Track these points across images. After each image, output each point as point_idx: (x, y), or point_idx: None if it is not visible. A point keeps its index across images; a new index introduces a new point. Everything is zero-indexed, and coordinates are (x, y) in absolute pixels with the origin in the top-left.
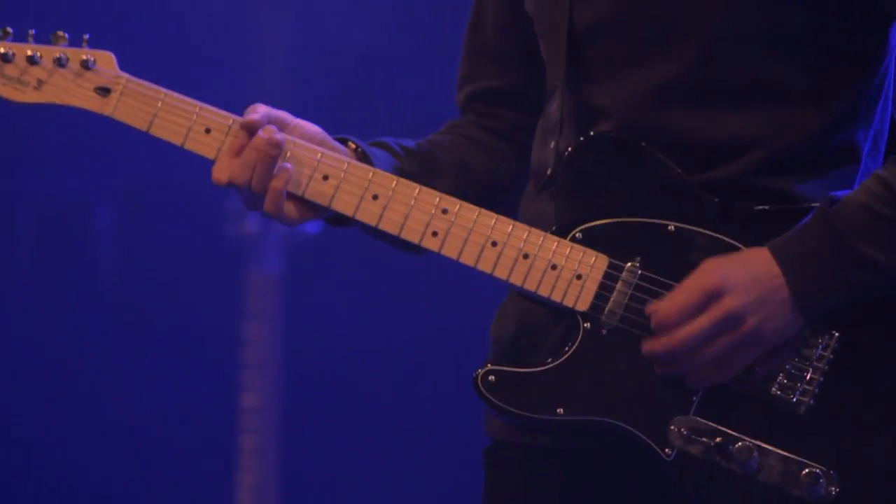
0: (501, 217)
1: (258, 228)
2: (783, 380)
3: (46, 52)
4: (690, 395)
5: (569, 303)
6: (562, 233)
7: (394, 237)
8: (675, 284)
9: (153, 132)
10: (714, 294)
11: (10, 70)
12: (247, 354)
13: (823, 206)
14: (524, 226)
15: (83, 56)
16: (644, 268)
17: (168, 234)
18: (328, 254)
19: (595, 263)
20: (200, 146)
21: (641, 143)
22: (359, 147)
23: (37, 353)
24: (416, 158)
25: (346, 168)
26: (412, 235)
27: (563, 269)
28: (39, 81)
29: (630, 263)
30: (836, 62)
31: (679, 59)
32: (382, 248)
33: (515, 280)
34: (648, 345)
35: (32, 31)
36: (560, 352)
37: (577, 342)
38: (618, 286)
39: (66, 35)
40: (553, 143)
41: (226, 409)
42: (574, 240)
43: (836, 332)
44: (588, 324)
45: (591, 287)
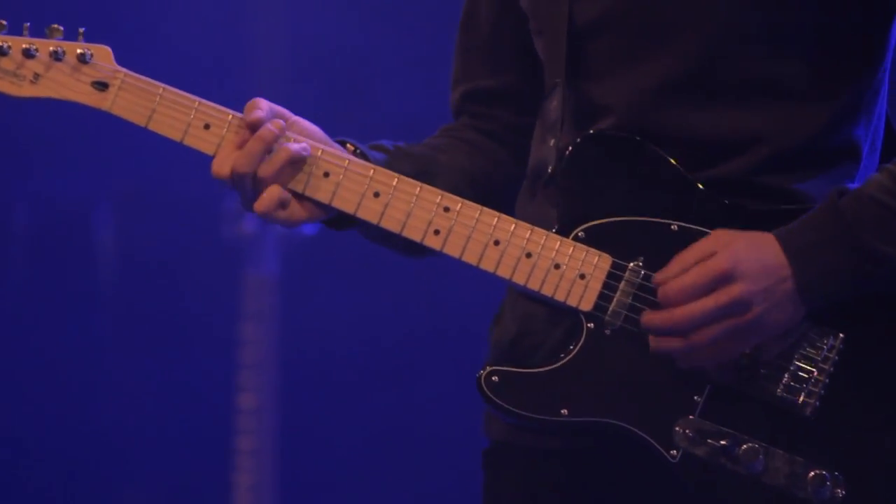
0: (503, 216)
1: (255, 229)
2: (789, 381)
3: (43, 46)
4: (696, 396)
5: (572, 302)
6: (564, 232)
7: (394, 239)
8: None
9: (151, 127)
10: (724, 278)
11: (6, 63)
12: (244, 355)
13: (832, 198)
14: (527, 224)
15: (80, 50)
16: (647, 267)
17: (165, 235)
18: (325, 254)
19: (598, 263)
20: (199, 142)
21: (643, 141)
22: (357, 149)
23: (33, 354)
24: (414, 161)
25: (347, 165)
26: (414, 233)
27: (567, 269)
28: (36, 75)
29: (633, 263)
30: (839, 59)
31: (681, 56)
32: (379, 249)
33: (518, 279)
34: (648, 316)
35: (27, 25)
36: (563, 352)
37: (581, 342)
38: (621, 286)
39: (62, 28)
40: (553, 142)
41: (223, 410)
42: (577, 239)
43: (842, 334)
44: (591, 324)
45: (595, 287)
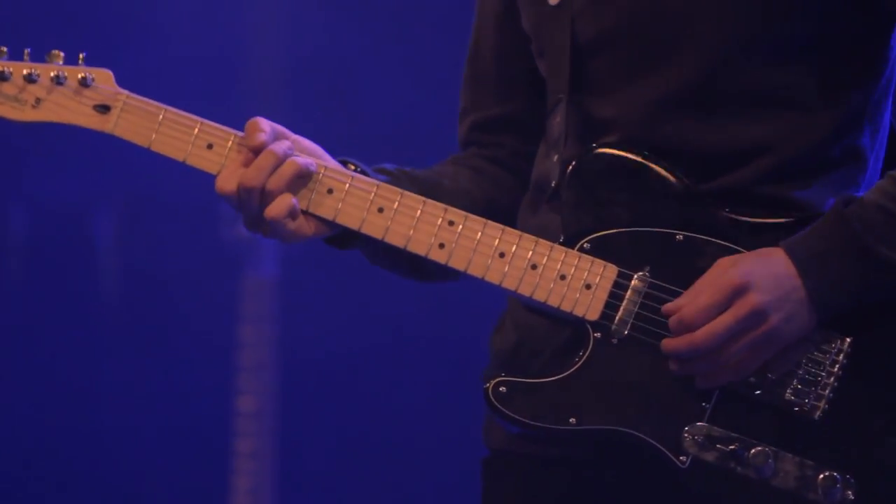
0: (508, 228)
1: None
2: (797, 385)
3: (44, 70)
4: (703, 402)
5: (579, 312)
6: (570, 243)
7: (398, 259)
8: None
9: (154, 148)
10: (738, 291)
11: (8, 89)
12: (243, 358)
13: (838, 206)
14: (531, 237)
15: (81, 74)
16: (654, 276)
17: (164, 238)
18: (324, 257)
19: (604, 273)
20: (202, 161)
21: (646, 154)
22: (358, 167)
23: (33, 357)
24: (418, 184)
25: (351, 182)
26: (419, 248)
27: (573, 279)
28: (38, 100)
29: (640, 272)
30: (841, 69)
31: (683, 69)
32: None
33: (524, 291)
34: (670, 343)
35: (28, 50)
36: (570, 362)
37: (588, 352)
38: (628, 295)
39: (63, 54)
40: (556, 157)
41: (222, 413)
42: (582, 250)
43: (850, 338)
44: (598, 333)
45: (601, 296)
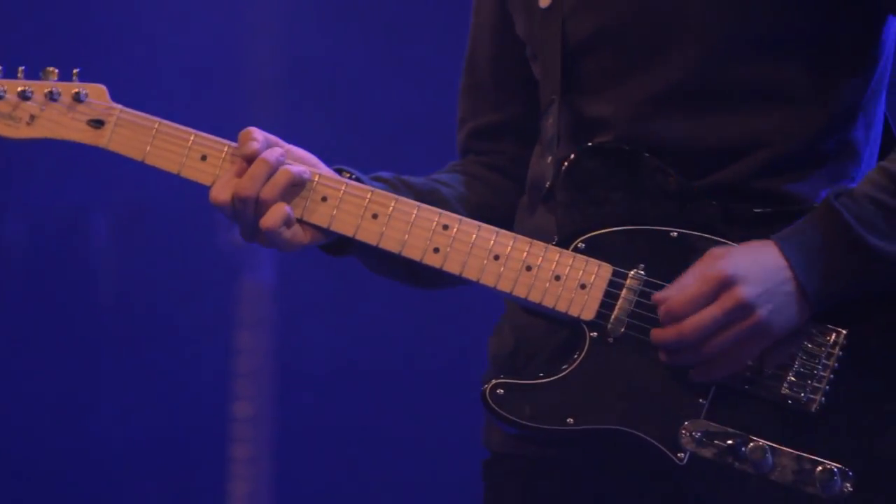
0: (503, 231)
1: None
2: (793, 379)
3: (38, 87)
4: (700, 399)
5: (574, 312)
6: (564, 244)
7: (395, 266)
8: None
9: (148, 161)
10: (725, 283)
11: (2, 107)
12: (240, 363)
13: (829, 198)
14: (526, 238)
15: (75, 89)
16: (649, 274)
17: (161, 244)
18: (321, 263)
19: (599, 272)
20: (196, 173)
21: (639, 151)
22: (353, 175)
23: (30, 364)
24: (415, 191)
25: (345, 189)
26: (414, 253)
27: (567, 280)
28: (32, 116)
29: (634, 270)
30: (832, 62)
31: (674, 67)
32: None
33: (519, 293)
34: (658, 333)
35: (22, 68)
36: (567, 362)
37: (584, 351)
38: (623, 294)
39: (57, 71)
40: (550, 158)
41: (219, 418)
42: (577, 250)
43: (845, 330)
44: (594, 333)
45: (596, 296)
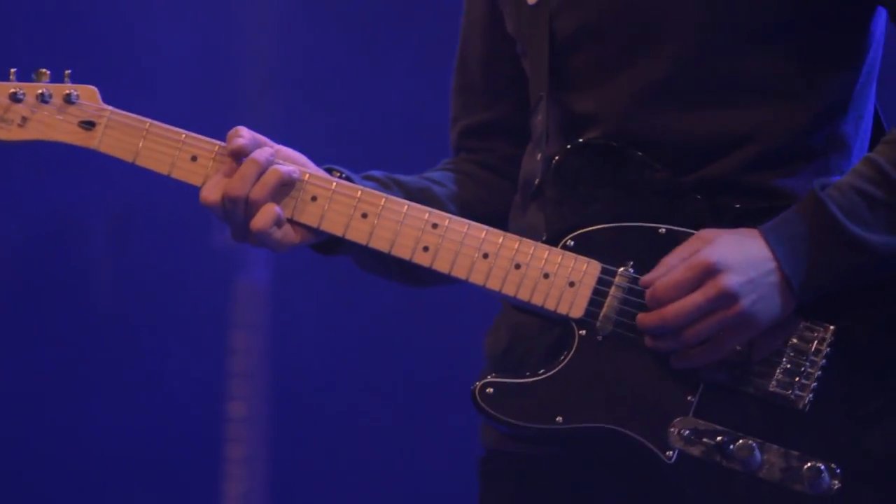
0: (492, 229)
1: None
2: (781, 376)
3: (29, 89)
4: (689, 396)
5: (563, 310)
6: (553, 241)
7: (388, 265)
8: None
9: (139, 163)
10: (710, 271)
11: None
12: (234, 364)
13: (815, 190)
14: (515, 236)
15: (66, 91)
16: (637, 271)
17: (155, 245)
18: (315, 263)
19: (587, 270)
20: (187, 174)
21: (627, 147)
22: (343, 174)
23: (23, 364)
24: (406, 190)
25: (334, 188)
26: (403, 252)
27: (556, 277)
28: (23, 118)
29: (622, 268)
30: (820, 55)
31: (662, 60)
32: None
33: (508, 291)
34: (643, 317)
35: (14, 70)
36: (556, 360)
37: (574, 350)
38: (611, 291)
39: (49, 72)
40: (539, 155)
41: (213, 418)
42: (565, 247)
43: (832, 326)
44: (583, 331)
45: (585, 293)
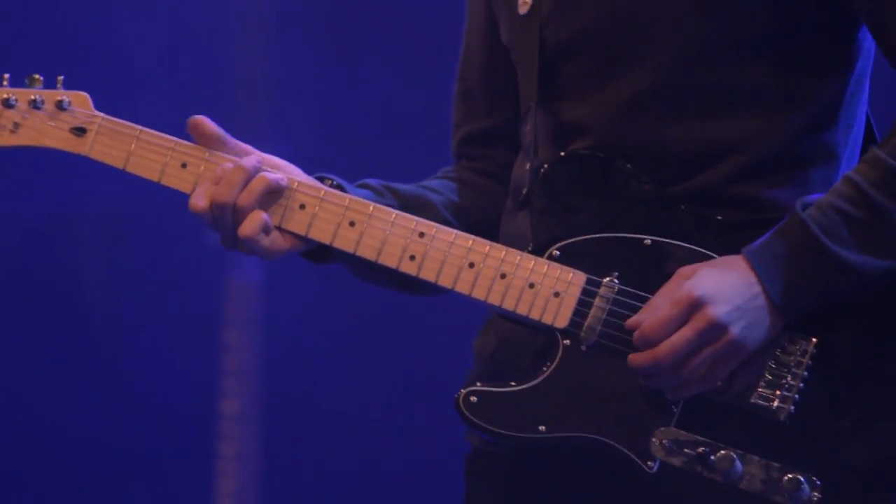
0: (478, 239)
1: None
2: (763, 388)
3: (22, 95)
4: (671, 407)
5: (547, 320)
6: (539, 251)
7: (381, 275)
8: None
9: (129, 169)
10: (695, 304)
11: None
12: (227, 361)
13: (796, 211)
14: (501, 246)
15: (58, 97)
16: (622, 282)
17: (148, 242)
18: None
19: (572, 280)
20: (177, 181)
21: (615, 159)
22: (334, 182)
23: (16, 361)
24: (401, 198)
25: (323, 196)
26: (390, 260)
27: (541, 287)
28: (15, 124)
29: (608, 279)
30: (807, 64)
31: (650, 71)
32: None
33: (493, 300)
34: (634, 359)
35: (7, 75)
36: (541, 369)
37: (558, 359)
38: (596, 302)
39: (42, 78)
40: (528, 164)
41: (206, 416)
42: (551, 257)
43: (814, 339)
44: (568, 341)
45: (570, 304)
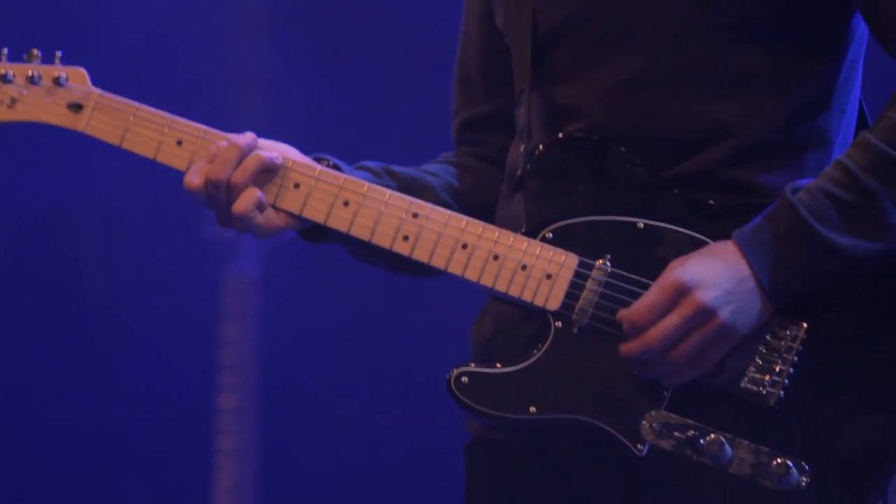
0: (472, 220)
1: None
2: (753, 372)
3: (19, 71)
4: (662, 391)
5: (539, 302)
6: (532, 233)
7: (379, 256)
8: (645, 281)
9: (125, 146)
10: (683, 290)
11: None
12: (225, 355)
13: (786, 194)
14: (494, 227)
15: (55, 73)
16: (615, 265)
17: (146, 237)
18: (306, 255)
19: (565, 262)
20: (172, 158)
21: (608, 142)
22: (330, 162)
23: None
24: (400, 180)
25: (317, 175)
26: (383, 240)
27: (534, 269)
28: (13, 99)
29: (600, 261)
30: (800, 48)
31: (643, 53)
32: None
33: (486, 281)
34: (625, 347)
35: (6, 51)
36: (532, 351)
37: (549, 341)
38: (588, 284)
39: (40, 53)
40: (522, 147)
41: (203, 410)
42: (544, 239)
43: (805, 323)
44: (559, 323)
45: (562, 286)
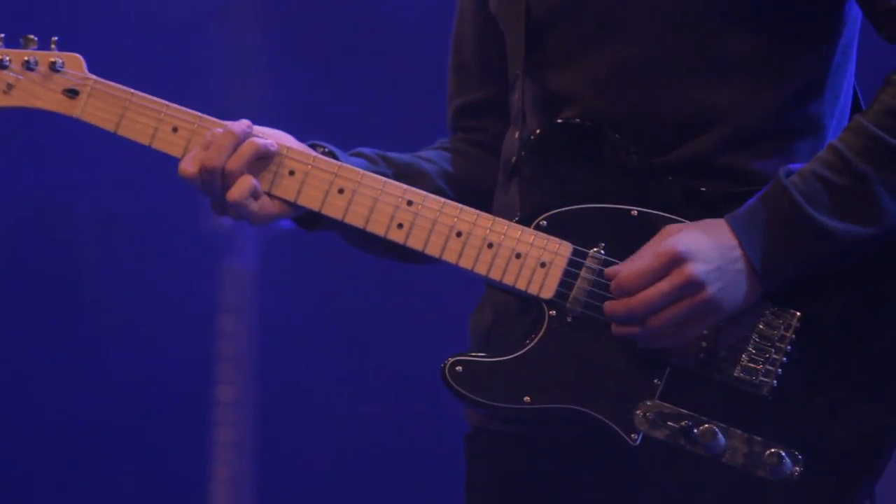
0: (466, 208)
1: (233, 222)
2: (746, 361)
3: (15, 56)
4: (655, 380)
5: (533, 291)
6: (526, 221)
7: (374, 243)
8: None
9: (121, 132)
10: (676, 259)
11: None
12: (222, 348)
13: (779, 177)
14: (489, 215)
15: (52, 59)
16: (609, 254)
17: (143, 229)
18: (303, 247)
19: (559, 250)
20: (167, 145)
21: (602, 128)
22: (326, 149)
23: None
24: (395, 166)
25: (313, 163)
26: (378, 228)
27: (528, 257)
28: (8, 85)
29: (594, 249)
30: (794, 34)
31: (636, 41)
32: None
33: (480, 270)
34: (609, 305)
35: (2, 36)
36: (527, 340)
37: (543, 330)
38: (582, 272)
39: (36, 38)
40: (517, 134)
41: (201, 402)
42: (538, 227)
43: (798, 312)
44: (553, 311)
45: (556, 274)
